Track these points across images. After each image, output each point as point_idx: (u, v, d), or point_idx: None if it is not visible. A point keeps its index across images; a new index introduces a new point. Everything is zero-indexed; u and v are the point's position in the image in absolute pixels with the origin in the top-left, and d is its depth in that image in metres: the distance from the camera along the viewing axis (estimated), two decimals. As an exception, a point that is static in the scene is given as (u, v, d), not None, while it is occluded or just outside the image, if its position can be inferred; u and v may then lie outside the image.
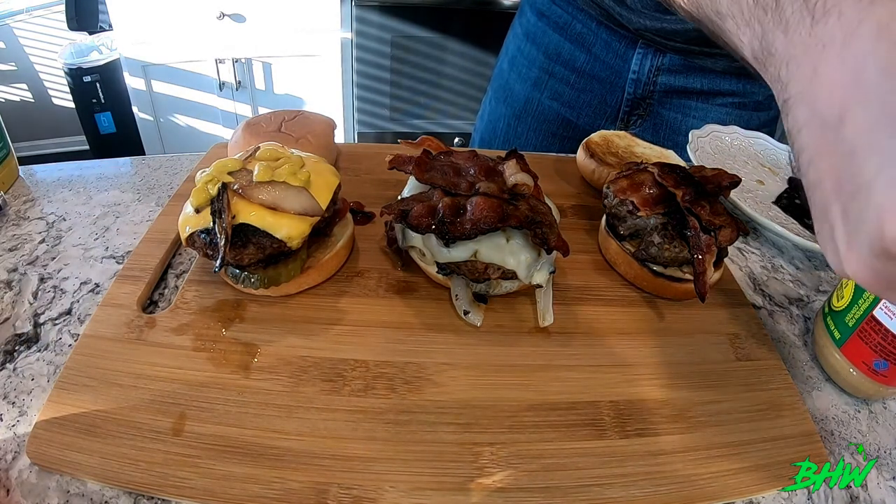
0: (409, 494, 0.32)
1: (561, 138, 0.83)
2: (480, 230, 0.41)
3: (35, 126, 2.22)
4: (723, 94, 0.74)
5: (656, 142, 0.70)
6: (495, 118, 0.87)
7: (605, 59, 0.75)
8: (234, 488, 0.32)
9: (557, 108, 0.81)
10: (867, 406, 0.43)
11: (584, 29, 0.75)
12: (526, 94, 0.82)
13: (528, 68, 0.81)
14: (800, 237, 0.57)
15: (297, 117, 0.61)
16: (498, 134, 0.87)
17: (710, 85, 0.73)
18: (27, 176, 0.61)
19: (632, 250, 0.49)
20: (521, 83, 0.83)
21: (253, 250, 0.41)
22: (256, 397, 0.37)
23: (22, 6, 2.02)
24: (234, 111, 1.97)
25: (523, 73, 0.82)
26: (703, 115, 0.76)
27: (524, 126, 0.84)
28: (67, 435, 0.34)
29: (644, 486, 0.34)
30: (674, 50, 0.70)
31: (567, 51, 0.77)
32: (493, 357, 0.41)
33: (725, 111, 0.76)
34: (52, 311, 0.44)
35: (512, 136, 0.85)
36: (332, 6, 1.79)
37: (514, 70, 0.84)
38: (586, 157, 0.63)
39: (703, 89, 0.74)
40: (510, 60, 0.84)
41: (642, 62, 0.73)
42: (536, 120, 0.83)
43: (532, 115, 0.83)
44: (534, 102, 0.82)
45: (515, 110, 0.84)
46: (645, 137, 0.75)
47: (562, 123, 0.82)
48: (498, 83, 0.87)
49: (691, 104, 0.76)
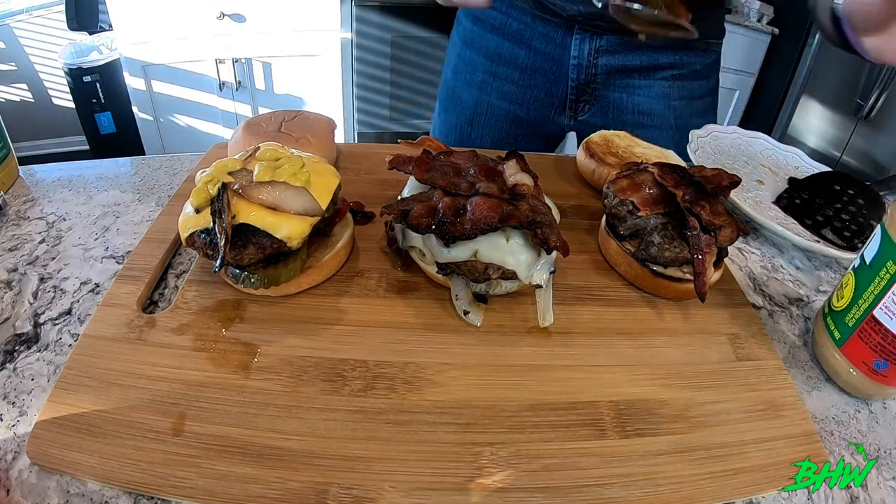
0: (409, 494, 0.32)
1: (515, 136, 0.85)
2: (480, 230, 0.41)
3: (35, 126, 2.22)
4: (662, 67, 0.76)
5: (605, 124, 0.73)
6: (447, 129, 0.89)
7: (545, 50, 0.77)
8: (234, 488, 0.32)
9: (507, 106, 0.82)
10: (867, 406, 0.43)
11: (521, 25, 0.77)
12: (474, 99, 0.84)
13: (472, 73, 0.83)
14: (800, 237, 0.57)
15: (297, 117, 0.61)
16: (451, 143, 0.89)
17: (649, 60, 0.75)
18: (27, 176, 0.61)
19: (632, 250, 0.49)
20: (468, 89, 0.84)
21: (253, 250, 0.41)
22: (256, 397, 0.37)
23: (22, 6, 2.02)
24: (234, 111, 1.97)
25: (468, 79, 0.84)
26: (646, 91, 0.78)
27: (477, 131, 0.85)
28: (67, 435, 0.34)
29: (644, 486, 0.34)
30: (609, 31, 0.72)
31: (507, 50, 0.79)
32: (493, 357, 0.41)
33: (667, 84, 0.78)
34: (52, 311, 0.44)
35: (466, 142, 0.86)
36: (332, 6, 1.79)
37: (458, 78, 0.85)
38: (586, 157, 0.63)
39: (642, 65, 0.76)
40: (453, 70, 0.86)
41: (581, 47, 0.75)
42: (488, 122, 0.85)
43: (483, 118, 0.84)
44: (483, 105, 0.83)
45: (466, 116, 0.85)
46: (594, 122, 0.79)
47: (513, 121, 0.83)
48: (444, 94, 0.89)
49: (634, 82, 0.77)
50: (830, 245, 0.58)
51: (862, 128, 1.91)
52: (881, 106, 1.81)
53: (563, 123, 0.83)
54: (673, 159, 0.63)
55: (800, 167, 0.74)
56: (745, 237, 0.61)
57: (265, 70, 1.91)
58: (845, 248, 0.58)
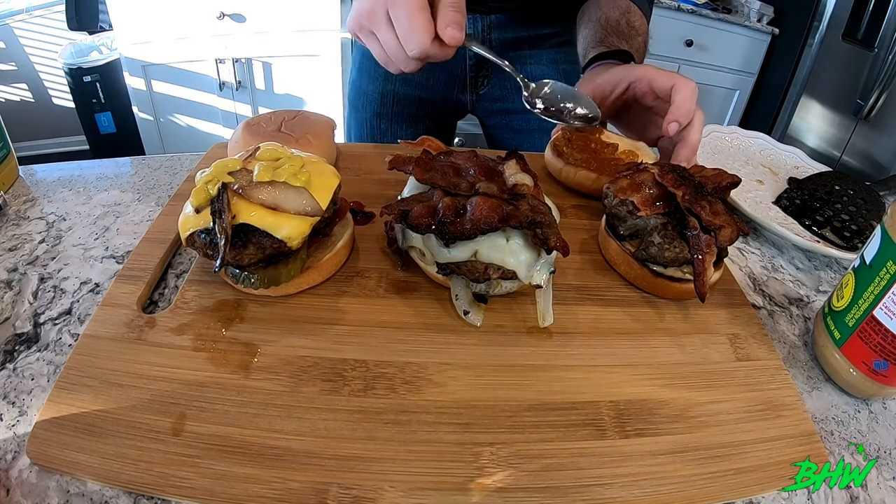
0: (409, 494, 0.32)
1: (422, 118, 0.92)
2: (480, 230, 0.41)
3: (35, 126, 2.22)
4: (547, 36, 0.85)
5: (504, 95, 0.85)
6: (359, 125, 0.94)
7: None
8: (234, 488, 0.32)
9: (412, 91, 0.88)
10: (867, 406, 0.43)
11: None
12: (380, 90, 0.89)
13: (376, 67, 0.87)
14: (800, 237, 0.57)
15: (297, 117, 0.61)
16: (365, 139, 0.94)
17: (536, 31, 0.84)
18: (27, 176, 0.61)
19: (632, 250, 0.49)
20: (373, 82, 0.89)
21: (253, 250, 0.41)
22: (256, 397, 0.37)
23: (22, 6, 2.02)
24: (234, 111, 1.97)
25: (372, 73, 0.89)
26: (537, 59, 0.86)
27: (386, 120, 0.91)
28: (67, 435, 0.34)
29: (644, 486, 0.34)
30: (498, 10, 0.81)
31: None
32: (493, 357, 0.41)
33: (555, 51, 0.87)
34: (52, 310, 0.44)
35: (378, 134, 0.92)
36: (332, 6, 1.79)
37: (363, 74, 0.91)
38: (553, 156, 0.63)
39: (530, 36, 0.85)
40: (358, 68, 0.92)
41: (475, 26, 0.82)
42: (395, 110, 0.90)
43: (390, 107, 0.90)
44: (389, 95, 0.89)
45: (374, 109, 0.91)
46: (495, 94, 0.89)
47: (419, 104, 0.90)
48: (353, 95, 0.94)
49: (525, 53, 0.85)
50: (830, 245, 0.58)
51: (862, 128, 1.91)
52: (881, 106, 1.81)
53: (465, 99, 0.91)
54: (644, 150, 0.63)
55: (800, 167, 0.74)
56: (745, 237, 0.61)
57: (265, 70, 1.91)
58: (845, 248, 0.59)
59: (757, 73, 2.43)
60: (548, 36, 0.85)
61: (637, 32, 0.70)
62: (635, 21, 0.71)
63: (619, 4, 0.71)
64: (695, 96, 0.56)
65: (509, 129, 0.91)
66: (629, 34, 0.69)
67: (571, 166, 0.61)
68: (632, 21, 0.70)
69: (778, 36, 2.31)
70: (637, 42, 0.70)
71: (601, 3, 0.72)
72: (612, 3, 0.71)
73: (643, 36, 0.71)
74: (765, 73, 2.43)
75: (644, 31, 0.72)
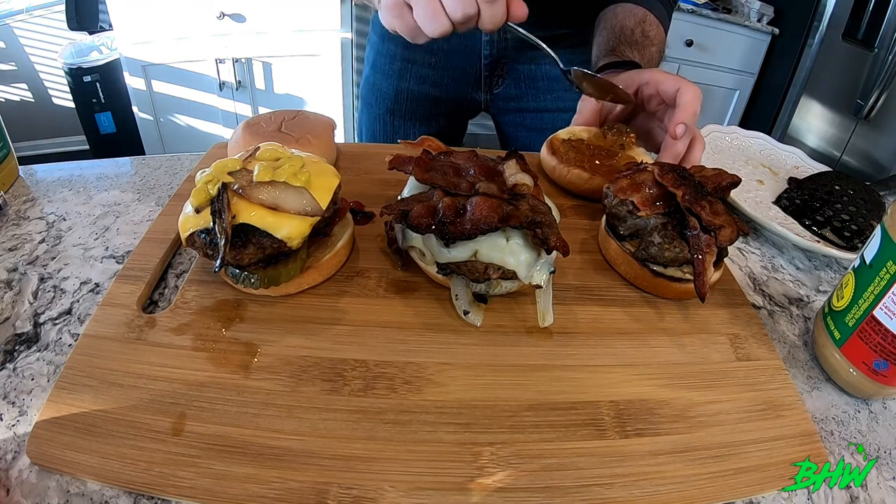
0: (409, 494, 0.32)
1: (435, 116, 0.92)
2: (480, 230, 0.41)
3: (35, 126, 2.22)
4: (562, 37, 0.84)
5: (519, 94, 0.84)
6: (371, 121, 0.94)
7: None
8: (234, 488, 0.32)
9: (426, 90, 0.88)
10: (867, 406, 0.43)
11: None
12: (394, 87, 0.89)
13: (391, 64, 0.89)
14: (800, 237, 0.57)
15: (297, 117, 0.61)
16: (377, 135, 0.94)
17: (551, 31, 0.82)
18: (27, 176, 0.61)
19: (632, 250, 0.49)
20: (387, 80, 0.90)
21: (253, 250, 0.41)
22: (256, 397, 0.37)
23: (22, 6, 2.02)
24: (234, 111, 1.97)
25: (387, 70, 0.89)
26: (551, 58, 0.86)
27: (399, 118, 0.91)
28: (67, 435, 0.34)
29: (644, 486, 0.34)
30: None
31: None
32: (493, 357, 0.41)
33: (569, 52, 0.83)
34: (52, 310, 0.44)
35: (390, 130, 0.92)
36: (332, 6, 1.79)
37: (377, 72, 0.91)
38: (548, 154, 0.63)
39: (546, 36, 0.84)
40: (372, 66, 0.92)
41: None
42: (408, 107, 0.91)
43: (404, 104, 0.90)
44: (403, 93, 0.89)
45: (388, 106, 0.91)
46: (509, 93, 0.88)
47: (432, 102, 0.90)
48: (366, 91, 0.95)
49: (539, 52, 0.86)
50: (830, 245, 0.58)
51: (862, 128, 1.91)
52: (881, 106, 1.81)
53: (479, 98, 0.90)
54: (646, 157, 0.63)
55: (800, 167, 0.74)
56: (745, 237, 0.61)
57: (265, 70, 1.91)
58: (845, 248, 0.59)
59: (757, 73, 2.43)
60: (562, 37, 0.84)
61: (651, 42, 0.70)
62: (650, 31, 0.70)
63: (635, 13, 0.70)
64: (699, 100, 0.56)
65: (523, 128, 0.91)
66: (643, 44, 0.69)
67: (564, 165, 0.61)
68: (647, 31, 0.70)
69: (778, 36, 2.31)
70: (650, 52, 0.69)
71: (618, 10, 0.72)
72: (628, 12, 0.71)
73: (658, 45, 0.71)
74: (765, 73, 2.43)
75: (660, 40, 0.72)
